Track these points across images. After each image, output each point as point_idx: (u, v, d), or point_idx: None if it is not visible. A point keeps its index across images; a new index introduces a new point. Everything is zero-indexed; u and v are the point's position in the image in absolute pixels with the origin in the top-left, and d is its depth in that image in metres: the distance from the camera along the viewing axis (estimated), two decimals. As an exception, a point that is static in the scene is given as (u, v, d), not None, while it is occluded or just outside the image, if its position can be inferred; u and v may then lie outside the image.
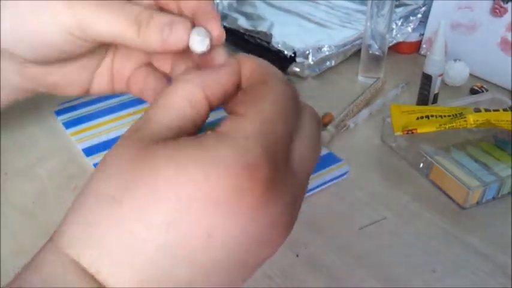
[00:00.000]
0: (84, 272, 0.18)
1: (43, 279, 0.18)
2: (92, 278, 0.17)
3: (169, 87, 0.21)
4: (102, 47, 0.32)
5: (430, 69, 0.55)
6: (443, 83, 0.62)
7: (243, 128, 0.18)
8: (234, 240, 0.18)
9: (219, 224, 0.17)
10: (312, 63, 0.64)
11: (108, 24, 0.26)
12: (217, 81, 0.21)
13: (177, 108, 0.20)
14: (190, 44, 0.25)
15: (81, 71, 0.33)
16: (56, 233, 0.19)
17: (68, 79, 0.33)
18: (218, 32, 0.25)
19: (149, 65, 0.33)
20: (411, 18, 0.70)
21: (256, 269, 0.20)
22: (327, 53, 0.65)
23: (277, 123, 0.19)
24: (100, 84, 0.34)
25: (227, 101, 0.22)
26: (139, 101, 0.59)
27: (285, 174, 0.19)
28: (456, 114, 0.48)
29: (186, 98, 0.20)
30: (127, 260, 0.17)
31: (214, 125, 0.19)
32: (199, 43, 0.24)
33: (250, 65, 0.22)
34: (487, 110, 0.47)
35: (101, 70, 0.34)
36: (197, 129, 0.21)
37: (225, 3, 0.81)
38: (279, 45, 0.66)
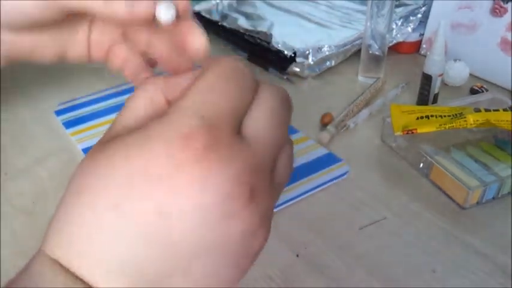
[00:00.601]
0: (61, 268, 0.18)
1: (29, 279, 0.18)
2: (70, 273, 0.18)
3: (133, 92, 0.22)
4: (78, 16, 0.33)
5: (430, 69, 0.55)
6: (443, 83, 0.62)
7: (179, 105, 0.19)
8: (189, 215, 0.17)
9: (166, 199, 0.17)
10: (312, 63, 0.64)
11: None
12: (177, 83, 0.21)
13: (138, 109, 0.21)
14: (156, 14, 0.27)
15: (56, 39, 0.35)
16: (44, 239, 0.20)
17: (42, 46, 0.35)
18: (184, 4, 0.28)
19: (127, 37, 0.35)
20: (411, 18, 0.70)
21: (244, 257, 0.19)
22: (327, 53, 0.65)
23: (216, 93, 0.19)
24: (76, 52, 0.36)
25: None
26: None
27: (232, 143, 0.18)
28: (456, 114, 0.48)
29: (146, 99, 0.21)
30: (88, 250, 0.17)
31: None
32: (164, 13, 0.27)
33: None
34: (487, 110, 0.47)
35: (78, 38, 0.35)
36: None
37: (225, 3, 0.81)
38: (279, 45, 0.66)
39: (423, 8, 0.70)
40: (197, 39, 0.29)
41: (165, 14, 0.27)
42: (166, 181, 0.17)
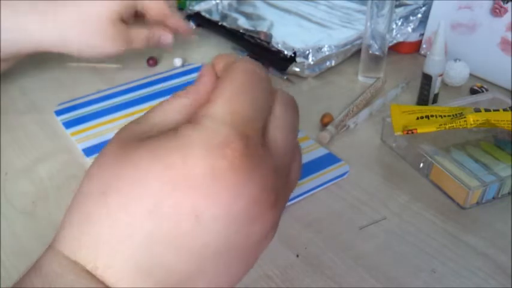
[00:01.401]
0: (83, 270, 0.18)
1: (43, 280, 0.18)
2: (91, 275, 0.18)
3: (166, 99, 0.22)
4: None
5: (430, 69, 0.55)
6: (443, 83, 0.62)
7: (209, 112, 0.19)
8: (219, 220, 0.18)
9: (202, 205, 0.18)
10: (312, 63, 0.64)
11: None
12: (203, 85, 0.22)
13: (169, 112, 0.21)
14: None
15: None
16: (55, 235, 0.20)
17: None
18: None
19: None
20: (411, 18, 0.70)
21: (253, 256, 0.20)
22: (327, 53, 0.65)
23: (240, 99, 0.20)
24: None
25: None
26: (139, 101, 0.59)
27: (260, 151, 0.19)
28: (456, 114, 0.48)
29: (177, 104, 0.21)
30: (118, 250, 0.18)
31: None
32: None
33: (222, 61, 0.23)
34: (487, 110, 0.47)
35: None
36: None
37: (225, 3, 0.81)
38: (279, 45, 0.66)
39: (423, 8, 0.70)
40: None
41: None
42: (204, 187, 0.18)
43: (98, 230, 0.18)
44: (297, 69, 0.64)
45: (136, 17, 0.60)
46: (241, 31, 0.71)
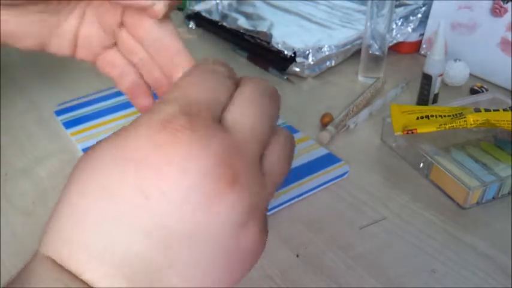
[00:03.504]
0: (56, 265, 0.18)
1: (25, 281, 0.18)
2: (66, 271, 0.17)
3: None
4: (68, 7, 0.32)
5: (430, 69, 0.55)
6: (443, 83, 0.62)
7: (162, 99, 0.20)
8: (170, 197, 0.17)
9: (150, 182, 0.17)
10: (312, 63, 0.64)
11: None
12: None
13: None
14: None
15: (41, 25, 0.32)
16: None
17: (25, 31, 0.32)
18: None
19: (118, 39, 0.33)
20: (411, 18, 0.70)
21: (234, 250, 0.19)
22: (327, 53, 0.65)
23: (194, 87, 0.20)
24: (59, 45, 0.33)
25: None
26: (139, 101, 0.59)
27: (210, 127, 0.19)
28: (456, 114, 0.48)
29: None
30: (77, 237, 0.17)
31: None
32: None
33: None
34: (487, 110, 0.47)
35: (62, 30, 0.32)
36: None
37: (225, 3, 0.81)
38: (279, 45, 0.66)
39: (423, 8, 0.70)
40: (184, 63, 0.30)
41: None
42: (145, 162, 0.17)
43: (60, 220, 0.18)
44: (297, 69, 0.64)
45: None
46: (241, 31, 0.72)
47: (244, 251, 0.19)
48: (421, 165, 0.47)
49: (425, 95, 0.57)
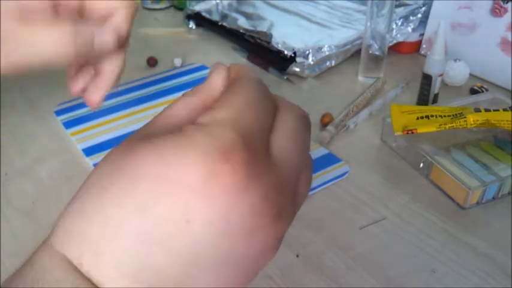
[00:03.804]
0: (70, 265, 0.17)
1: (33, 274, 0.18)
2: (79, 271, 0.17)
3: (174, 101, 0.22)
4: None
5: (430, 69, 0.55)
6: (443, 83, 0.62)
7: (217, 117, 0.19)
8: (213, 226, 0.17)
9: (196, 208, 0.17)
10: (312, 63, 0.64)
11: None
12: (213, 89, 0.22)
13: (178, 112, 0.21)
14: None
15: None
16: (52, 229, 0.19)
17: None
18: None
19: None
20: (411, 18, 0.70)
21: (253, 270, 0.20)
22: (327, 53, 0.65)
23: (249, 112, 0.20)
24: None
25: None
26: (139, 101, 0.59)
27: (264, 162, 0.19)
28: (456, 114, 0.48)
29: (186, 104, 0.21)
30: (106, 248, 0.17)
31: None
32: None
33: (234, 68, 0.23)
34: (487, 110, 0.47)
35: None
36: None
37: (225, 3, 0.81)
38: (279, 45, 0.66)
39: (423, 8, 0.70)
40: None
41: None
42: (199, 190, 0.17)
43: (87, 225, 0.18)
44: (297, 69, 0.64)
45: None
46: (241, 31, 0.71)
47: (260, 269, 0.20)
48: (421, 165, 0.47)
49: (425, 95, 0.57)
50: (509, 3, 0.61)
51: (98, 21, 0.34)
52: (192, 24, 0.81)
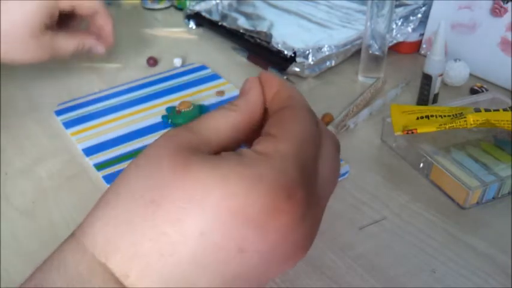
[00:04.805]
0: (109, 274, 0.17)
1: (67, 281, 0.17)
2: (117, 281, 0.17)
3: (216, 112, 0.21)
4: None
5: (430, 69, 0.55)
6: (443, 83, 0.62)
7: (279, 149, 0.19)
8: (261, 257, 0.18)
9: (252, 240, 0.18)
10: (312, 63, 0.64)
11: None
12: (246, 106, 0.22)
13: (220, 125, 0.21)
14: None
15: None
16: (79, 229, 0.19)
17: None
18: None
19: None
20: (411, 18, 0.70)
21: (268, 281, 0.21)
22: (327, 53, 0.65)
23: (308, 146, 0.20)
24: None
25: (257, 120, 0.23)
26: (139, 101, 0.59)
27: (314, 196, 0.20)
28: (456, 114, 0.48)
29: (228, 122, 0.21)
30: (155, 265, 0.17)
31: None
32: None
33: (274, 85, 0.23)
34: (487, 110, 0.47)
35: None
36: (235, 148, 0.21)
37: (225, 3, 0.81)
38: (279, 45, 0.66)
39: (423, 8, 0.70)
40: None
41: None
42: (258, 223, 0.18)
43: (138, 239, 0.17)
44: (297, 69, 0.64)
45: (65, 17, 0.55)
46: (241, 31, 0.71)
47: (278, 274, 0.23)
48: (421, 165, 0.47)
49: (425, 95, 0.57)
50: (509, 3, 0.61)
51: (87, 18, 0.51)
52: (192, 24, 0.81)
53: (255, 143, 0.20)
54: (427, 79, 0.56)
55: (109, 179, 0.46)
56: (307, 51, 0.64)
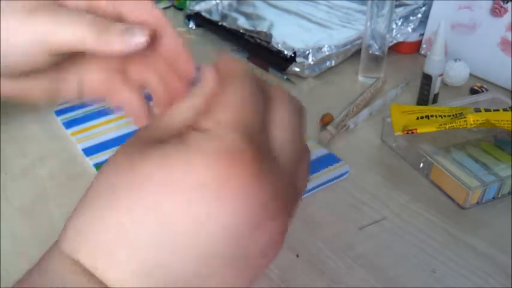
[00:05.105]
0: (84, 269, 0.18)
1: (44, 278, 0.18)
2: (92, 275, 0.18)
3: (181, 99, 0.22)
4: (70, 55, 0.31)
5: (430, 69, 0.55)
6: (443, 83, 0.62)
7: (218, 120, 0.19)
8: (225, 227, 0.18)
9: (208, 210, 0.18)
10: (312, 63, 0.64)
11: (70, 33, 0.27)
12: (205, 91, 0.22)
13: (182, 113, 0.21)
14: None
15: (48, 81, 0.32)
16: (61, 232, 0.20)
17: (33, 89, 0.32)
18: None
19: (122, 71, 0.33)
20: (411, 18, 0.70)
21: (260, 266, 0.20)
22: (327, 53, 0.65)
23: (247, 108, 0.20)
24: (69, 92, 0.33)
25: None
26: (139, 101, 0.59)
27: (268, 157, 0.19)
28: (456, 114, 0.48)
29: (190, 107, 0.21)
30: (121, 251, 0.18)
31: None
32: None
33: (224, 64, 0.23)
34: (487, 110, 0.47)
35: (70, 77, 0.32)
36: None
37: (225, 3, 0.81)
38: (279, 45, 0.66)
39: (423, 8, 0.70)
40: (185, 62, 0.30)
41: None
42: (211, 193, 0.18)
43: (99, 230, 0.18)
44: (297, 69, 0.64)
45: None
46: (241, 31, 0.71)
47: (267, 265, 0.21)
48: (421, 165, 0.47)
49: (425, 95, 0.57)
50: (509, 3, 0.61)
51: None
52: (192, 24, 0.81)
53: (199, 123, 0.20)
54: (427, 79, 0.56)
55: (109, 179, 0.46)
56: (307, 51, 0.64)
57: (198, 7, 0.80)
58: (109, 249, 0.18)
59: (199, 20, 0.79)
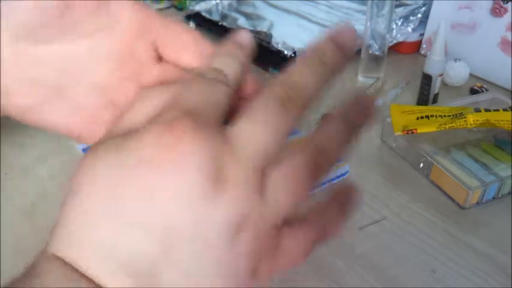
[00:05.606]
0: (72, 268, 0.18)
1: (36, 281, 0.18)
2: (81, 274, 0.18)
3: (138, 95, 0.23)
4: None
5: (430, 69, 0.55)
6: (443, 83, 0.62)
7: (164, 106, 0.20)
8: (174, 198, 0.18)
9: (155, 183, 0.18)
10: (312, 63, 0.64)
11: None
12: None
13: (141, 112, 0.22)
14: None
15: None
16: (50, 235, 0.20)
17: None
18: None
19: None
20: (411, 18, 0.70)
21: (227, 255, 0.19)
22: (327, 53, 0.65)
23: (195, 95, 0.21)
24: None
25: None
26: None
27: (214, 128, 0.19)
28: (456, 114, 0.48)
29: (148, 106, 0.22)
30: (90, 246, 0.18)
31: None
32: None
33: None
34: (487, 110, 0.47)
35: None
36: None
37: (225, 3, 0.81)
38: (279, 45, 0.66)
39: (423, 8, 0.70)
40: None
41: None
42: (154, 165, 0.18)
43: (74, 228, 0.18)
44: (297, 69, 0.64)
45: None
46: (241, 31, 0.72)
47: (236, 256, 0.19)
48: (421, 165, 0.47)
49: (425, 95, 0.57)
50: (509, 3, 0.61)
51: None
52: (192, 24, 0.81)
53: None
54: (427, 79, 0.56)
55: (109, 179, 0.46)
56: (307, 51, 0.64)
57: (198, 7, 0.80)
58: (75, 236, 0.18)
59: (199, 20, 0.79)
